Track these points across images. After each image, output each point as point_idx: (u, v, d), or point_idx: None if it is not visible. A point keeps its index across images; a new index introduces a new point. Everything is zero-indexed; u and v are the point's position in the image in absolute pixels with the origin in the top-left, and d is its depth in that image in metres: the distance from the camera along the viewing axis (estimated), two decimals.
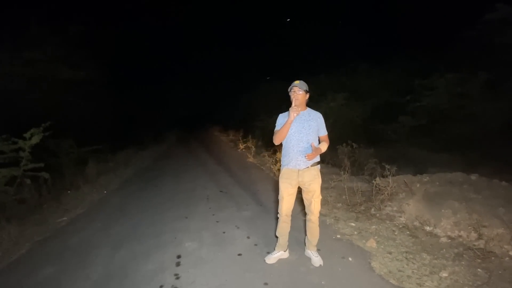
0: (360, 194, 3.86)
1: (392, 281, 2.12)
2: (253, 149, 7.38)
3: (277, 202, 2.41)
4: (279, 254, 2.43)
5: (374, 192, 3.72)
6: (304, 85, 2.18)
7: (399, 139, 7.05)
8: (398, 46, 10.43)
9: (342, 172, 4.38)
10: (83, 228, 3.56)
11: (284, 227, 2.37)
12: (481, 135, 5.71)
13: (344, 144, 5.50)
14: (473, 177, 3.53)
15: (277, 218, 2.42)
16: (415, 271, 2.23)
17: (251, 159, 7.03)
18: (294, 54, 16.14)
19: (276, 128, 2.28)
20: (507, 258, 2.30)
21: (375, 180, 3.74)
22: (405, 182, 3.67)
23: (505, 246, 2.40)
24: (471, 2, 6.21)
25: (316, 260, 2.36)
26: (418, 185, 3.56)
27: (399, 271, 2.24)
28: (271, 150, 6.35)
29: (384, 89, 8.81)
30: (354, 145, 5.35)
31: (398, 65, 9.11)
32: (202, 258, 2.58)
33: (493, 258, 2.31)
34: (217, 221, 3.41)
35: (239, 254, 2.61)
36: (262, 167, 6.26)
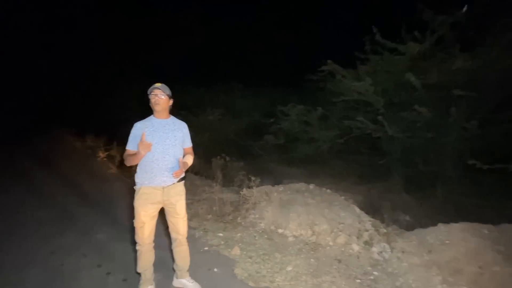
0: (229, 205, 4.09)
1: (251, 283, 2.30)
2: (118, 158, 6.36)
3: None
4: None
5: (241, 202, 4.05)
6: (167, 89, 1.94)
7: (264, 155, 8.15)
8: (265, 76, 12.37)
9: (215, 184, 4.52)
10: None
11: (148, 258, 2.02)
12: (317, 154, 7.53)
13: (218, 157, 5.74)
14: (311, 186, 4.54)
15: (136, 250, 2.01)
16: (269, 270, 2.54)
17: (113, 170, 6.01)
18: (173, 62, 15.52)
19: (128, 147, 1.93)
20: (328, 247, 3.04)
21: (242, 191, 4.08)
22: (266, 192, 4.22)
23: (327, 238, 3.18)
24: (316, 53, 8.33)
25: (192, 286, 2.13)
26: (275, 194, 4.18)
27: (257, 272, 2.48)
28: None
29: (255, 110, 10.04)
30: (227, 158, 5.70)
31: (266, 91, 10.76)
32: None
33: (320, 248, 2.99)
34: (53, 252, 2.61)
35: None
36: (128, 179, 5.47)
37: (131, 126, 1.99)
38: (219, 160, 5.77)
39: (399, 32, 5.20)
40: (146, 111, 2.07)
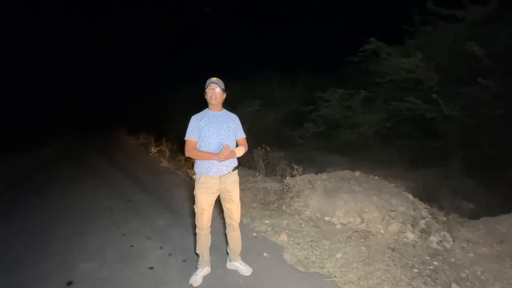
0: (273, 193, 4.15)
1: (300, 268, 2.35)
2: (168, 153, 6.90)
3: (193, 209, 2.18)
4: (204, 271, 2.21)
5: (285, 191, 4.08)
6: (222, 83, 2.04)
7: (304, 143, 8.00)
8: (301, 63, 12.01)
9: (257, 174, 4.62)
10: None
11: (206, 241, 2.16)
12: (361, 140, 7.13)
13: (259, 148, 5.83)
14: (357, 173, 4.35)
15: (195, 233, 2.17)
16: (318, 256, 2.54)
17: (165, 163, 6.55)
18: (208, 60, 15.98)
19: (189, 137, 2.04)
20: (379, 235, 2.92)
21: (285, 180, 4.10)
22: (309, 180, 4.18)
23: (378, 226, 3.04)
24: (355, 34, 7.75)
25: (244, 268, 2.26)
26: (319, 182, 4.12)
27: (306, 258, 2.51)
28: None
29: (293, 99, 9.85)
30: (268, 148, 5.75)
31: (303, 79, 10.45)
32: (104, 280, 2.19)
33: (371, 236, 2.88)
34: (123, 234, 2.99)
35: (151, 268, 2.36)
36: (177, 171, 5.91)
37: (176, 123, 2.14)
38: (259, 150, 5.87)
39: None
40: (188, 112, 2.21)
